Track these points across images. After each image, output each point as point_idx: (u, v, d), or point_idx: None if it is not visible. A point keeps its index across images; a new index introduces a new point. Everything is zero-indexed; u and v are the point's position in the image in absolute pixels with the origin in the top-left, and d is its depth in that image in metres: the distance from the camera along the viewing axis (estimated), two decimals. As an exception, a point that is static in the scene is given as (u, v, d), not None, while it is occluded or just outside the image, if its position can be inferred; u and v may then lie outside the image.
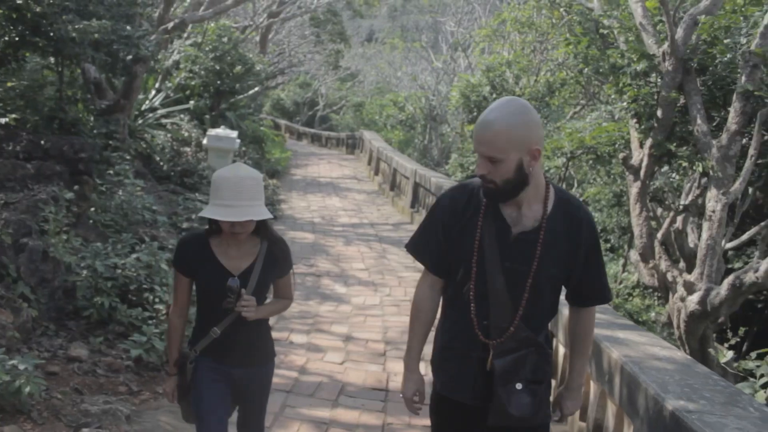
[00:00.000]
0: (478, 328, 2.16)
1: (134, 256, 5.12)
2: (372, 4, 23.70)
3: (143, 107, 12.53)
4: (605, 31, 7.60)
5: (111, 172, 7.61)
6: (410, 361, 2.38)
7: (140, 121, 11.93)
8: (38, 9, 7.47)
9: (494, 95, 12.93)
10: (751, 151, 5.93)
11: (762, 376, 3.71)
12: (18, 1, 7.24)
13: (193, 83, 14.69)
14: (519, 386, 2.12)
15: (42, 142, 6.89)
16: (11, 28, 7.50)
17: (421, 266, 2.35)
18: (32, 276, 4.81)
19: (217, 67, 14.73)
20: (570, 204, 2.20)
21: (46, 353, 4.35)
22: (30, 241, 4.81)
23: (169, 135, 12.51)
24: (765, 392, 3.65)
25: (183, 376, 2.64)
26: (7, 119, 7.84)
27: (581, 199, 12.65)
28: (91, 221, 6.65)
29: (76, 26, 7.64)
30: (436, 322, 2.37)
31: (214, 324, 2.57)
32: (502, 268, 2.14)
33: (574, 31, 8.43)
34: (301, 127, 35.19)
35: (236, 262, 2.59)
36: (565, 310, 2.62)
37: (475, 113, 13.28)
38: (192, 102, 14.49)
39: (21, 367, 3.34)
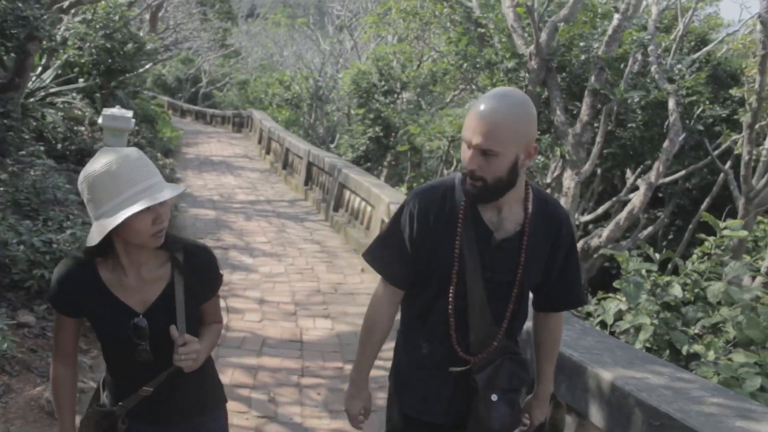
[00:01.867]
0: (457, 344, 2.05)
1: (69, 231, 5.59)
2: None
3: (32, 85, 12.44)
4: (483, 30, 8.66)
5: (23, 152, 7.85)
6: (360, 379, 2.25)
7: (31, 100, 11.90)
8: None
9: (382, 82, 13.89)
10: (598, 139, 7.17)
11: (599, 315, 4.83)
12: None
13: (82, 61, 14.61)
14: (494, 397, 2.02)
15: (-47, 123, 7.08)
16: None
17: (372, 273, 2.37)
18: (-29, 252, 5.21)
19: (108, 45, 14.70)
20: (548, 204, 2.08)
21: (-6, 320, 4.81)
22: (-31, 219, 5.21)
23: (60, 114, 12.50)
24: (599, 327, 4.78)
25: None
26: None
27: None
28: (5, 200, 6.95)
29: (-26, 7, 7.77)
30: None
31: (132, 376, 1.97)
32: (482, 279, 2.00)
33: (455, 26, 9.46)
34: (185, 104, 34.70)
35: (139, 293, 1.94)
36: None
37: (364, 98, 14.23)
38: (81, 80, 14.43)
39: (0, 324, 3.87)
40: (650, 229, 13.95)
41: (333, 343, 5.50)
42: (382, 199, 7.72)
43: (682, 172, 11.96)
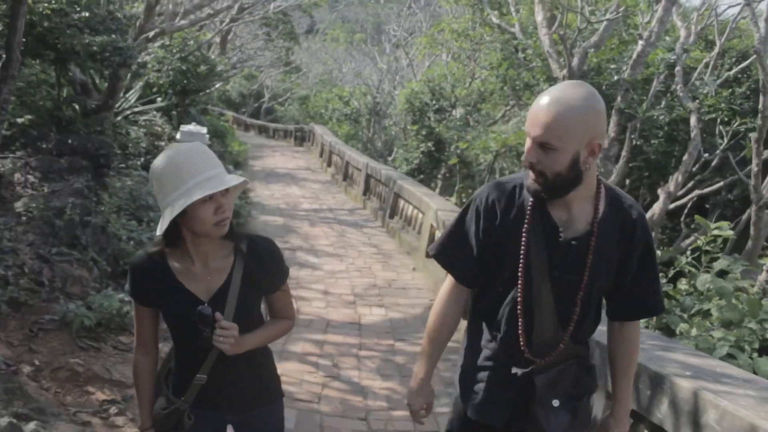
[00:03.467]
0: (525, 345, 1.99)
1: (168, 230, 6.77)
2: (319, 5, 25.38)
3: (118, 106, 13.93)
4: (523, 55, 9.58)
5: (123, 165, 9.15)
6: (425, 376, 2.18)
7: (119, 118, 13.36)
8: (46, 24, 8.85)
9: (433, 101, 14.93)
10: (624, 153, 7.99)
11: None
12: (31, 18, 8.60)
13: (161, 82, 16.09)
14: (556, 403, 1.96)
15: (69, 141, 8.41)
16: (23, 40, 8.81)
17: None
18: (95, 245, 6.43)
19: (184, 68, 16.12)
20: (622, 203, 1.97)
21: (115, 299, 5.98)
22: (93, 219, 6.43)
23: (143, 130, 13.94)
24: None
25: None
26: (23, 119, 9.27)
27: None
28: (113, 205, 8.22)
29: (82, 40, 9.14)
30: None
31: (194, 365, 2.05)
32: (549, 278, 1.94)
33: (499, 50, 10.40)
34: (248, 119, 36.43)
35: (204, 282, 2.03)
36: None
37: (417, 116, 15.28)
38: (160, 99, 15.92)
39: (127, 298, 5.02)
40: (692, 238, 14.50)
41: (386, 326, 6.50)
42: (430, 207, 8.68)
43: (720, 183, 12.65)
